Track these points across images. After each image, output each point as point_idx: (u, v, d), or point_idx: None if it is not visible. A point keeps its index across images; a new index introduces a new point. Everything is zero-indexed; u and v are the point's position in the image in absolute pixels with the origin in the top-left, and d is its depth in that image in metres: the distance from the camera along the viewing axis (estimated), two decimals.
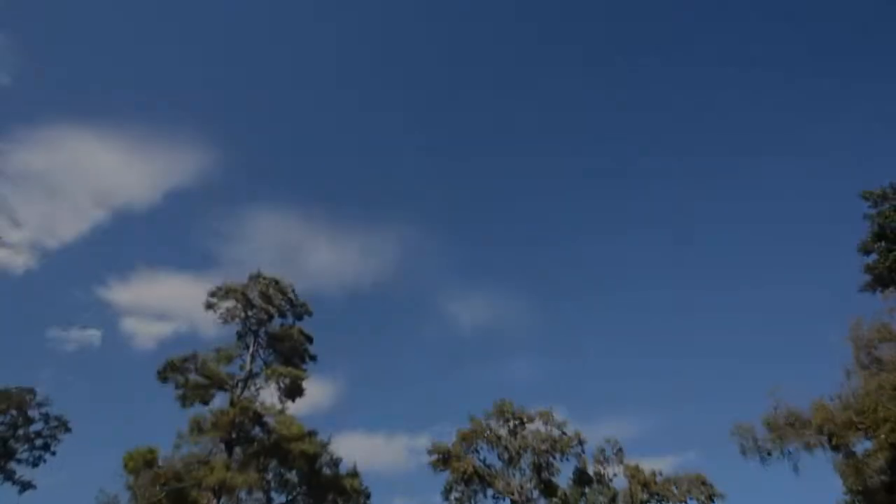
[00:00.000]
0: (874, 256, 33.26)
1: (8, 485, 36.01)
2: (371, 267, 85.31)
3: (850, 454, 27.67)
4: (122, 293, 67.32)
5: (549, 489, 31.41)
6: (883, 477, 26.78)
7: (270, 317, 29.17)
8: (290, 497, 29.48)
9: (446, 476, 32.01)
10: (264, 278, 29.62)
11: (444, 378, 76.41)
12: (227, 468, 22.91)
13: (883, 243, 32.89)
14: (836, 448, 27.46)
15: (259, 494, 28.31)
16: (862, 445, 27.19)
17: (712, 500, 28.09)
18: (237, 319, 28.78)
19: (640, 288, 76.31)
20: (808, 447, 27.64)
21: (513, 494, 31.69)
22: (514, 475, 32.78)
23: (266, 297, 28.75)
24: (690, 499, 28.30)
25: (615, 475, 31.37)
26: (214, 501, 22.85)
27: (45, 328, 66.22)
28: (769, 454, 27.89)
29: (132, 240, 76.29)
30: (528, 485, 32.18)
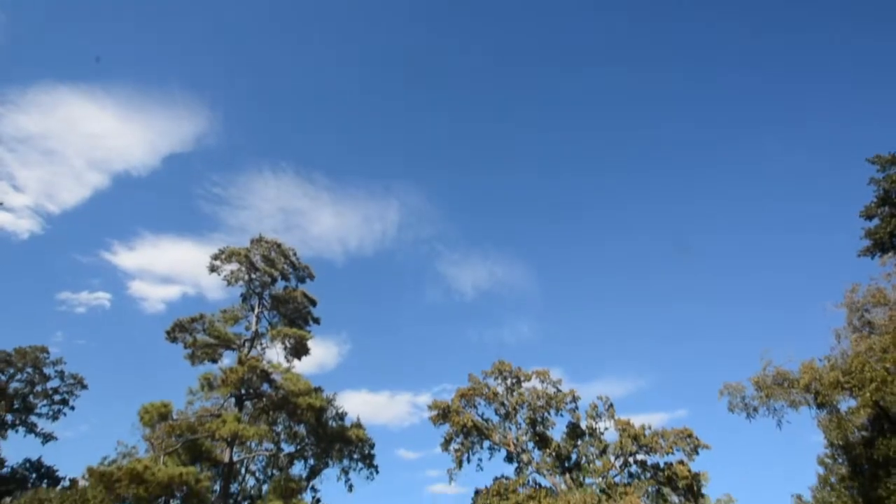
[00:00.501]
0: (876, 221, 33.31)
1: (31, 436, 38.10)
2: (373, 233, 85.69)
3: (834, 411, 28.77)
4: (127, 258, 68.21)
5: (543, 441, 32.93)
6: (863, 432, 28.00)
7: (273, 280, 29.78)
8: (298, 447, 31.23)
9: (446, 429, 33.51)
10: (266, 242, 30.04)
11: (446, 340, 78.43)
12: (239, 421, 24.11)
13: (886, 208, 32.85)
14: (820, 406, 28.50)
15: (269, 445, 30.02)
16: (846, 404, 28.25)
17: (697, 452, 29.48)
18: (241, 282, 29.43)
19: (638, 253, 76.55)
20: (794, 405, 28.65)
21: (509, 446, 33.30)
22: (510, 428, 34.35)
23: (268, 261, 29.27)
24: (677, 450, 29.68)
25: (606, 429, 32.79)
26: (228, 451, 24.23)
27: (55, 292, 67.62)
28: (755, 411, 29.01)
29: (134, 205, 76.43)
30: (524, 437, 33.76)
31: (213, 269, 28.78)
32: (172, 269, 70.27)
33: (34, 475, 36.44)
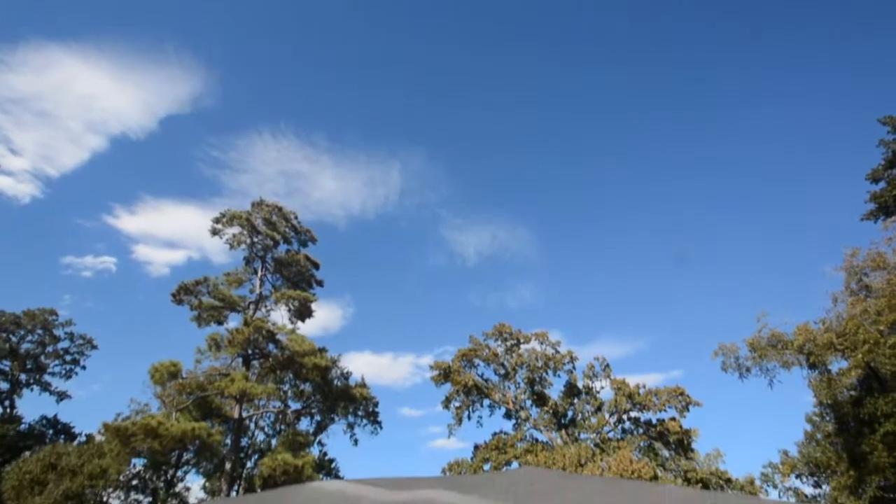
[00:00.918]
0: (882, 185, 33.03)
1: (45, 395, 39.35)
2: (375, 197, 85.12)
3: (825, 372, 29.53)
4: (130, 222, 68.18)
5: (541, 399, 34.06)
6: (852, 392, 28.78)
7: (276, 243, 29.97)
8: (305, 405, 32.35)
9: (447, 388, 34.57)
10: (267, 205, 30.03)
11: (448, 304, 79.51)
12: (246, 379, 24.88)
13: (894, 171, 32.50)
14: (812, 366, 29.26)
15: (277, 402, 31.09)
16: (838, 365, 28.97)
17: (688, 409, 30.57)
18: (243, 245, 29.62)
19: (642, 218, 76.40)
20: (786, 365, 29.40)
21: (508, 404, 34.47)
22: (509, 388, 35.45)
23: (270, 224, 29.35)
24: (669, 407, 30.79)
25: (602, 388, 33.87)
26: (237, 408, 25.16)
27: (60, 256, 67.91)
28: (748, 371, 29.82)
29: (133, 169, 75.60)
30: (522, 396, 34.90)
31: (214, 232, 28.91)
32: (176, 233, 70.42)
33: (51, 431, 37.83)
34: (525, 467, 22.13)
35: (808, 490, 35.04)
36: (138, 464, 31.96)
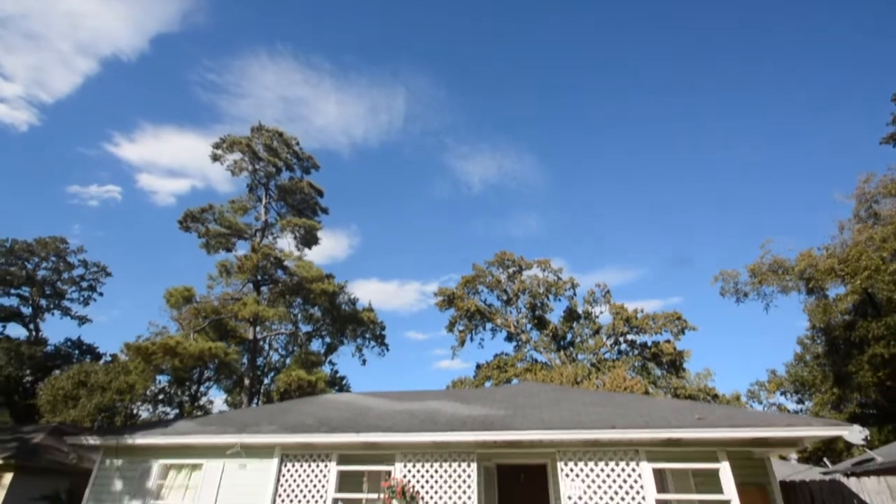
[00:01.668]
0: None
1: (67, 319, 41.07)
2: (379, 124, 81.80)
3: (823, 297, 29.98)
4: (131, 150, 66.56)
5: (541, 323, 35.24)
6: (846, 316, 29.39)
7: (278, 170, 29.53)
8: (315, 327, 33.73)
9: (451, 313, 35.69)
10: (267, 130, 29.18)
11: (453, 232, 79.57)
12: (258, 303, 25.73)
13: None
14: (810, 291, 29.66)
15: (288, 325, 32.39)
16: (835, 291, 29.35)
17: (683, 332, 31.57)
18: (245, 172, 29.23)
19: (650, 145, 73.70)
20: (785, 290, 29.82)
21: (509, 327, 35.75)
22: (511, 312, 36.56)
23: (271, 150, 28.72)
24: (665, 331, 31.79)
25: (601, 313, 34.78)
26: (251, 330, 26.28)
27: (65, 185, 67.45)
28: (745, 296, 30.38)
29: (128, 94, 72.25)
30: (524, 320, 36.09)
31: (215, 158, 28.41)
32: (178, 161, 68.88)
33: (77, 352, 39.98)
34: (524, 382, 23.52)
35: (791, 406, 37.12)
36: (163, 380, 34.16)
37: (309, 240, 29.96)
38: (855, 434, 7.27)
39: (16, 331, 39.40)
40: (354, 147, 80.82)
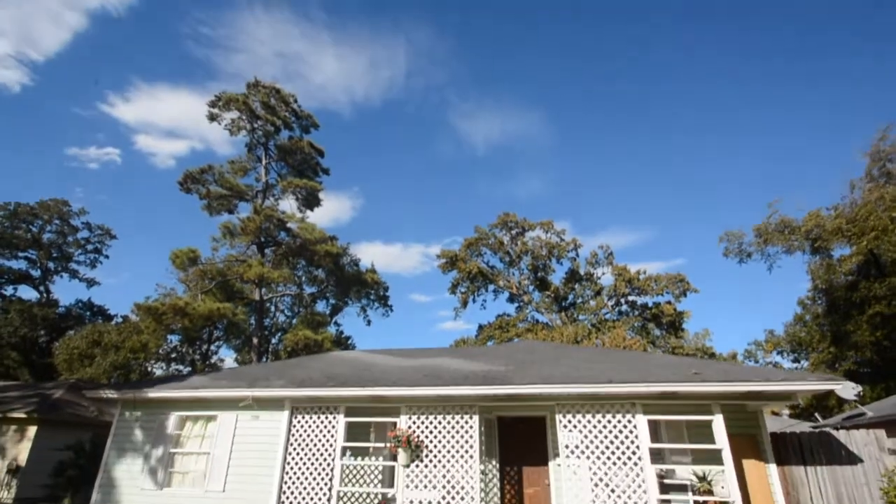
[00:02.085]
0: None
1: (76, 282, 41.77)
2: (380, 80, 79.31)
3: (828, 257, 29.88)
4: (126, 110, 65.29)
5: (543, 285, 35.60)
6: (849, 277, 29.43)
7: (277, 128, 29.07)
8: (319, 289, 34.25)
9: (454, 275, 36.05)
10: (264, 87, 28.51)
11: (456, 194, 78.78)
12: (262, 265, 26.04)
13: None
14: (815, 251, 29.50)
15: (293, 287, 32.87)
16: (840, 251, 29.24)
17: (685, 294, 31.91)
18: (244, 132, 28.83)
19: (659, 104, 71.59)
20: (790, 249, 29.64)
21: (511, 289, 36.17)
22: (513, 274, 36.89)
23: (269, 108, 28.16)
24: (667, 292, 32.12)
25: (603, 274, 35.08)
26: (257, 291, 26.73)
27: (63, 148, 66.76)
28: (749, 256, 30.35)
29: (120, 50, 70.12)
30: (526, 281, 36.44)
31: (212, 117, 27.95)
32: (175, 122, 67.65)
33: (88, 313, 40.93)
34: (525, 340, 24.10)
35: (787, 365, 37.88)
36: (174, 340, 35.11)
37: (311, 201, 29.90)
38: (847, 390, 7.46)
39: (27, 293, 40.12)
40: (355, 106, 79.00)
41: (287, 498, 8.41)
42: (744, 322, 69.14)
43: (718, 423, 7.33)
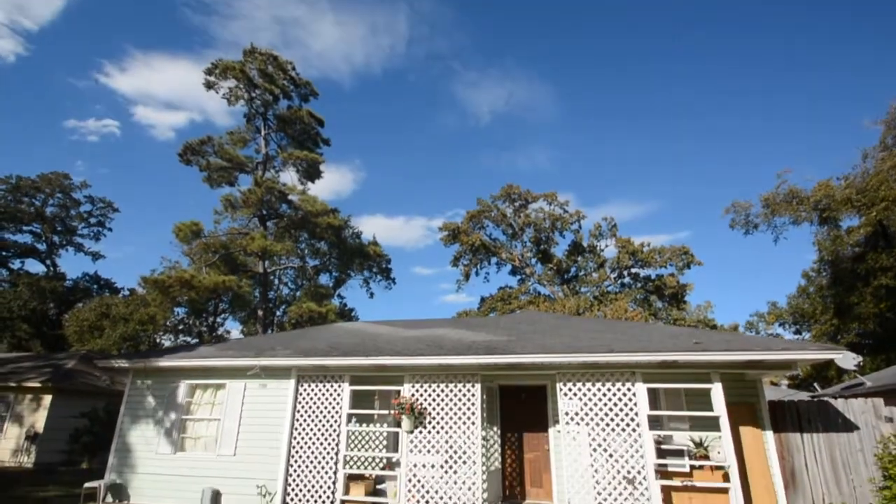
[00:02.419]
0: None
1: (81, 255, 42.09)
2: (381, 48, 77.18)
3: (835, 228, 29.51)
4: (123, 81, 64.13)
5: (546, 257, 35.59)
6: (857, 248, 29.16)
7: (275, 98, 28.55)
8: (322, 262, 34.42)
9: (456, 248, 36.05)
10: (261, 54, 27.86)
11: (459, 166, 77.70)
12: (265, 238, 26.10)
13: None
14: (823, 222, 29.11)
15: (296, 259, 33.04)
16: (849, 222, 28.87)
17: (689, 266, 31.82)
18: (242, 101, 28.37)
19: (669, 73, 69.58)
20: (797, 221, 29.26)
21: (514, 261, 36.21)
22: (516, 246, 36.86)
23: (266, 76, 27.59)
24: (671, 264, 32.04)
25: (607, 247, 34.97)
26: (260, 264, 26.87)
27: (62, 120, 66.02)
28: (755, 227, 30.04)
29: (115, 17, 68.36)
30: (528, 254, 36.46)
31: (209, 85, 27.44)
32: (173, 92, 66.46)
33: (95, 286, 41.39)
34: (526, 311, 24.32)
35: (789, 336, 38.17)
36: (180, 312, 35.64)
37: (311, 173, 29.66)
38: (848, 360, 7.48)
39: (34, 267, 40.54)
40: (356, 75, 77.31)
41: (295, 461, 8.69)
42: (747, 295, 69.30)
43: (717, 391, 7.44)
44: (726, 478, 7.13)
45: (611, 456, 7.39)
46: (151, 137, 64.89)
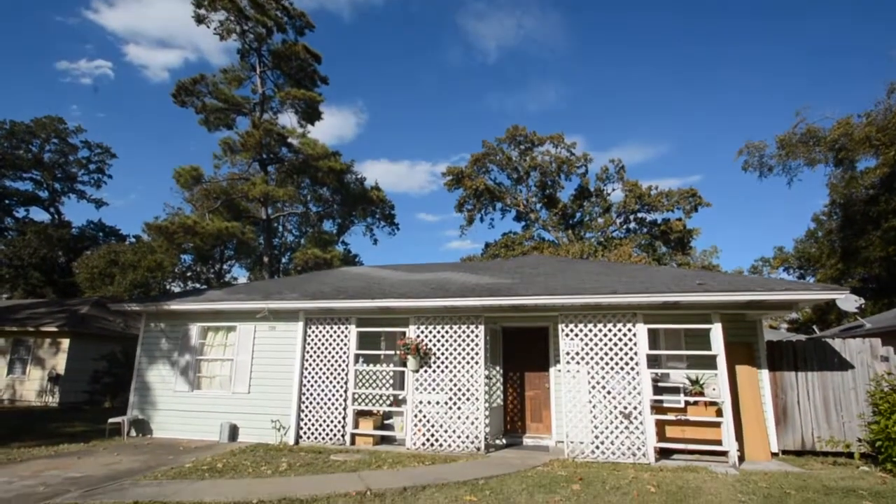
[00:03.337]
0: None
1: (84, 203, 42.04)
2: None
3: (851, 169, 28.63)
4: (112, 18, 60.83)
5: (551, 202, 35.20)
6: (870, 191, 28.47)
7: (269, 31, 27.09)
8: (325, 208, 34.24)
9: (460, 193, 35.59)
10: None
11: (465, 108, 74.79)
12: (266, 183, 25.81)
13: None
14: (839, 163, 28.22)
15: (299, 206, 32.87)
16: (865, 164, 27.99)
17: (696, 209, 31.39)
18: (234, 35, 27.02)
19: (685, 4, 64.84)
20: (812, 162, 28.42)
21: (519, 206, 35.86)
22: (521, 191, 36.36)
23: (257, 6, 26.01)
24: (678, 208, 31.61)
25: (613, 191, 34.41)
26: (263, 209, 26.75)
27: (53, 61, 63.46)
28: (770, 170, 29.24)
29: None
30: (534, 199, 36.01)
31: (199, 19, 26.01)
32: (165, 29, 63.03)
33: (101, 234, 41.71)
34: (531, 255, 24.41)
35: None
36: (187, 259, 36.08)
37: (311, 114, 28.77)
38: (849, 301, 7.49)
39: (39, 215, 40.67)
40: (355, 6, 72.98)
41: (307, 398, 9.09)
42: (755, 241, 68.78)
43: (717, 331, 7.55)
44: (719, 413, 7.41)
45: (608, 393, 7.65)
46: (145, 79, 62.68)
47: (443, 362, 8.53)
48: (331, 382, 9.04)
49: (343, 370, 9.05)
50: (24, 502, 5.06)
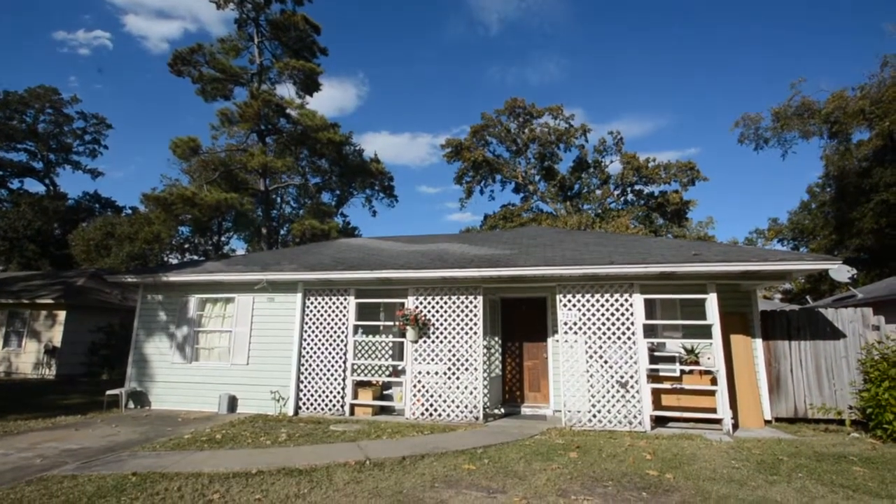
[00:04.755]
0: None
1: (79, 174, 41.48)
2: None
3: (845, 142, 28.67)
4: None
5: (549, 174, 34.91)
6: (864, 163, 28.49)
7: (267, 0, 26.23)
8: (324, 180, 33.86)
9: (459, 165, 35.25)
10: None
11: (466, 80, 73.14)
12: (265, 154, 25.42)
13: None
14: (833, 136, 28.27)
15: (297, 177, 32.48)
16: (859, 136, 28.00)
17: (694, 183, 31.22)
18: (232, 4, 26.17)
19: None
20: (806, 135, 28.46)
21: (517, 178, 35.59)
22: (520, 163, 36.00)
23: None
24: (675, 181, 31.43)
25: (612, 162, 34.15)
26: (262, 181, 26.43)
27: (50, 31, 61.29)
28: (765, 142, 29.19)
29: None
30: (532, 171, 35.71)
31: None
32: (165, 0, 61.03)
33: (97, 206, 41.30)
34: (529, 226, 24.42)
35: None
36: (185, 231, 35.88)
37: (309, 85, 28.10)
38: (842, 272, 7.53)
39: (33, 186, 40.17)
40: None
41: (306, 368, 9.20)
42: (750, 213, 68.89)
43: (712, 301, 7.61)
44: (714, 381, 7.55)
45: (606, 363, 7.76)
46: (144, 50, 60.90)
47: (442, 333, 8.60)
48: (330, 353, 9.13)
49: (342, 341, 9.13)
50: (21, 474, 5.01)
